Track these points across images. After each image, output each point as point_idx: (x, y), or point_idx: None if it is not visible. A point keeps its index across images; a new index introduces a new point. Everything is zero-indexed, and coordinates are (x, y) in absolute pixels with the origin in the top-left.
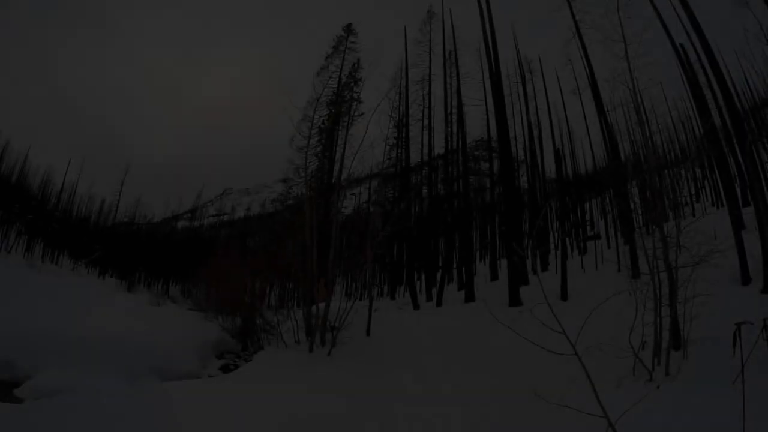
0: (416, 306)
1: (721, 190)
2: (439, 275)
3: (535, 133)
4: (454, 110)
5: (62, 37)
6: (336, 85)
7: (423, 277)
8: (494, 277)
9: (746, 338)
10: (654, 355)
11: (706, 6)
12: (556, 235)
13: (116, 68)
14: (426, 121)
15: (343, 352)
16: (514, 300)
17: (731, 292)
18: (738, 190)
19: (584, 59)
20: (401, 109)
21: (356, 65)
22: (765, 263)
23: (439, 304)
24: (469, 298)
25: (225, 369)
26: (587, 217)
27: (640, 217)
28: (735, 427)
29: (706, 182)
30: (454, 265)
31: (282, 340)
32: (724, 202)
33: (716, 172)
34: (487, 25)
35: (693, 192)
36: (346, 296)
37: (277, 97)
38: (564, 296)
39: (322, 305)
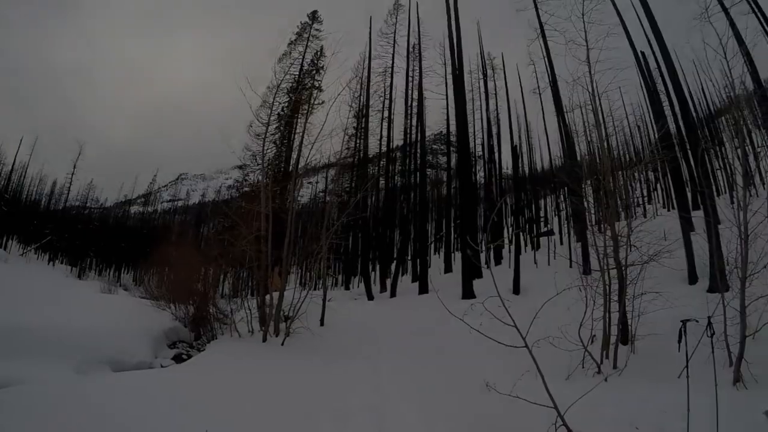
0: (370, 297)
1: (673, 193)
2: (393, 266)
3: (494, 129)
4: (415, 103)
5: (14, 6)
6: (297, 72)
7: (378, 267)
8: (448, 269)
9: (691, 335)
10: (603, 349)
11: (669, 17)
12: (510, 230)
13: (72, 45)
14: (386, 113)
15: (297, 342)
16: (468, 293)
17: (678, 291)
18: (689, 194)
19: (546, 60)
20: (362, 99)
21: (319, 53)
22: (711, 264)
23: (393, 295)
24: (423, 289)
25: (177, 359)
26: (541, 213)
27: (593, 216)
28: (679, 418)
29: (658, 185)
30: (409, 257)
31: (235, 330)
32: (675, 204)
33: (669, 176)
34: (453, 21)
35: (645, 194)
36: (301, 286)
37: (236, 81)
38: (516, 290)
39: (276, 294)
